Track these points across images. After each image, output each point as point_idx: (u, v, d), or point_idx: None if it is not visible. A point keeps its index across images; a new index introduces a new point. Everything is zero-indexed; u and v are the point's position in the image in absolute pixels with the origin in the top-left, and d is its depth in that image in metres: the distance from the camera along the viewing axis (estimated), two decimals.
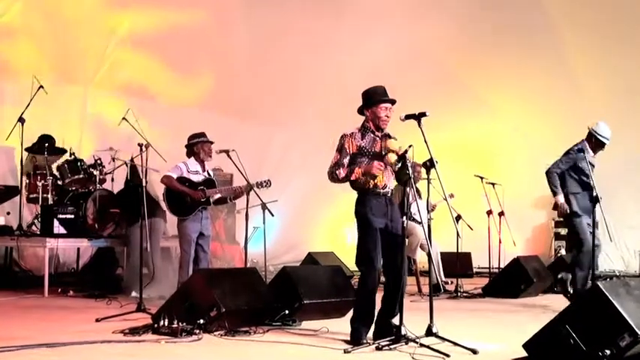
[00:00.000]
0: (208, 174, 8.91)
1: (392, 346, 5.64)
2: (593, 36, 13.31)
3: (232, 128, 13.23)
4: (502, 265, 10.93)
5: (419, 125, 5.87)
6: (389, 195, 6.14)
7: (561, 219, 14.52)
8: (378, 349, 5.65)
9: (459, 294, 10.20)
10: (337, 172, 6.08)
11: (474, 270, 14.12)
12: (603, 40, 13.31)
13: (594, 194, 8.14)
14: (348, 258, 9.67)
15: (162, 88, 13.13)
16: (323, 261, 11.74)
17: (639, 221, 13.98)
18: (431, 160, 5.82)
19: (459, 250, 10.00)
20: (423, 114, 5.88)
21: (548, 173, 8.79)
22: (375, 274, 6.02)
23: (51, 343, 5.68)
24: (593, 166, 8.53)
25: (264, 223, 8.74)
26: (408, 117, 5.95)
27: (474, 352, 5.52)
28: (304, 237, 14.98)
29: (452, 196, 7.02)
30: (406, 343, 5.64)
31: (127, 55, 12.36)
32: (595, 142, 8.66)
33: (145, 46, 12.40)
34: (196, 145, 8.78)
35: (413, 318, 5.91)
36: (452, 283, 10.91)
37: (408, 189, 5.99)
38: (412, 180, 5.92)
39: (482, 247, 11.48)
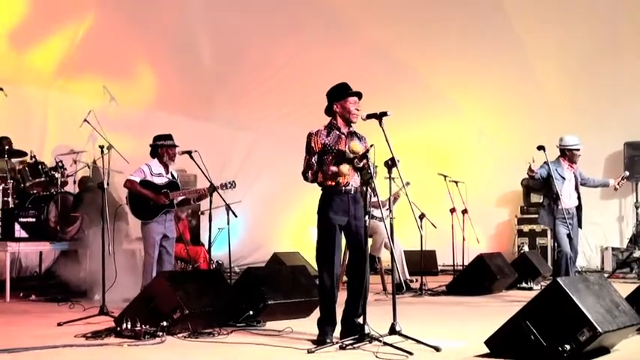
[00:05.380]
0: (172, 176, 8.85)
1: (355, 345, 5.66)
2: (554, 38, 13.46)
3: (196, 129, 13.16)
4: (466, 263, 11.00)
5: (380, 124, 5.88)
6: (352, 192, 6.11)
7: (524, 216, 14.81)
8: (341, 348, 5.66)
9: (423, 292, 10.25)
10: (307, 175, 6.12)
11: (439, 268, 14.19)
12: (564, 42, 13.47)
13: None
14: (314, 257, 9.66)
15: (124, 89, 13.01)
16: (288, 261, 11.72)
17: (600, 218, 14.19)
18: (392, 159, 5.84)
19: (424, 248, 10.05)
20: (385, 113, 5.89)
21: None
22: (334, 272, 6.01)
23: (12, 349, 5.62)
24: (564, 178, 9.23)
25: (228, 224, 8.73)
26: (369, 116, 5.97)
27: (437, 349, 5.54)
28: (269, 237, 14.93)
29: (408, 183, 7.21)
30: (370, 342, 5.66)
31: (87, 56, 12.22)
32: (568, 154, 9.33)
33: (105, 47, 12.27)
34: (161, 148, 8.72)
35: (377, 316, 5.94)
36: (416, 281, 10.97)
37: (370, 188, 6.00)
38: (374, 179, 5.94)
39: (447, 245, 11.57)
